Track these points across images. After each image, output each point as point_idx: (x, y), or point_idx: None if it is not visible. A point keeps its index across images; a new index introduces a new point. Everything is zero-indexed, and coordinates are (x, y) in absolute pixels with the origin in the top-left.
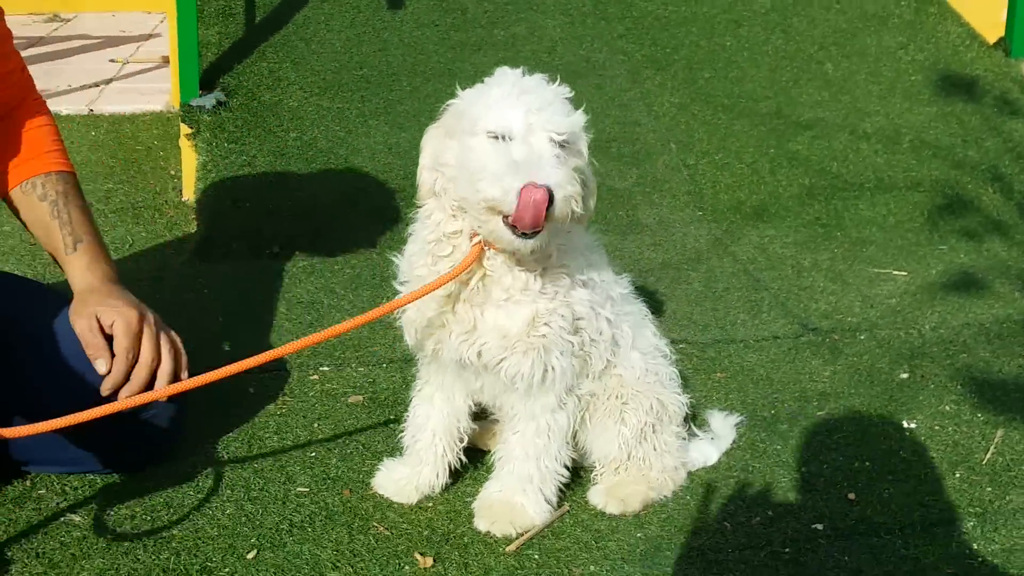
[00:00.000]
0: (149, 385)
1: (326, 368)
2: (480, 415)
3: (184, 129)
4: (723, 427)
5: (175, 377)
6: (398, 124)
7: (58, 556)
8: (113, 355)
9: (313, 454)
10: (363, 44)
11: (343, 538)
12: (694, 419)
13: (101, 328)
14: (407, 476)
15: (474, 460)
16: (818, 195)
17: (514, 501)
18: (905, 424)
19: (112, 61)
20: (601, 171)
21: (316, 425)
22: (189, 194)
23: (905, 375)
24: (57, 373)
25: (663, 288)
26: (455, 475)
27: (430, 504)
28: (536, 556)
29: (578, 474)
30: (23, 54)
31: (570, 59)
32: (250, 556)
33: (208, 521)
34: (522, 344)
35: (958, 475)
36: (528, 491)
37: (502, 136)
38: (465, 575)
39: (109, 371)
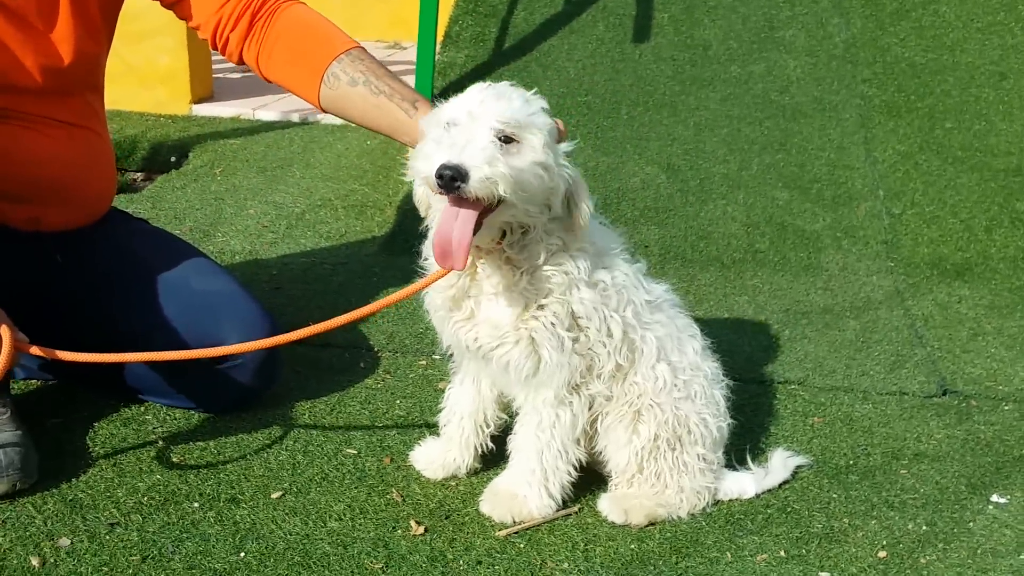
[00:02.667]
0: None
1: (438, 356)
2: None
3: None
4: (779, 465)
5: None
6: (603, 149)
7: (130, 467)
8: None
9: (380, 425)
10: (596, 73)
11: (360, 496)
12: (759, 455)
13: None
14: (437, 453)
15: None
16: None
17: (517, 492)
18: (994, 498)
19: None
20: (792, 211)
21: (399, 402)
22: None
23: None
24: (155, 313)
25: (811, 332)
26: (491, 463)
27: (454, 483)
28: (521, 544)
29: (605, 481)
30: None
31: (801, 99)
32: (274, 496)
33: (260, 463)
34: (512, 334)
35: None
36: (532, 484)
37: (450, 125)
38: (448, 548)
39: None
